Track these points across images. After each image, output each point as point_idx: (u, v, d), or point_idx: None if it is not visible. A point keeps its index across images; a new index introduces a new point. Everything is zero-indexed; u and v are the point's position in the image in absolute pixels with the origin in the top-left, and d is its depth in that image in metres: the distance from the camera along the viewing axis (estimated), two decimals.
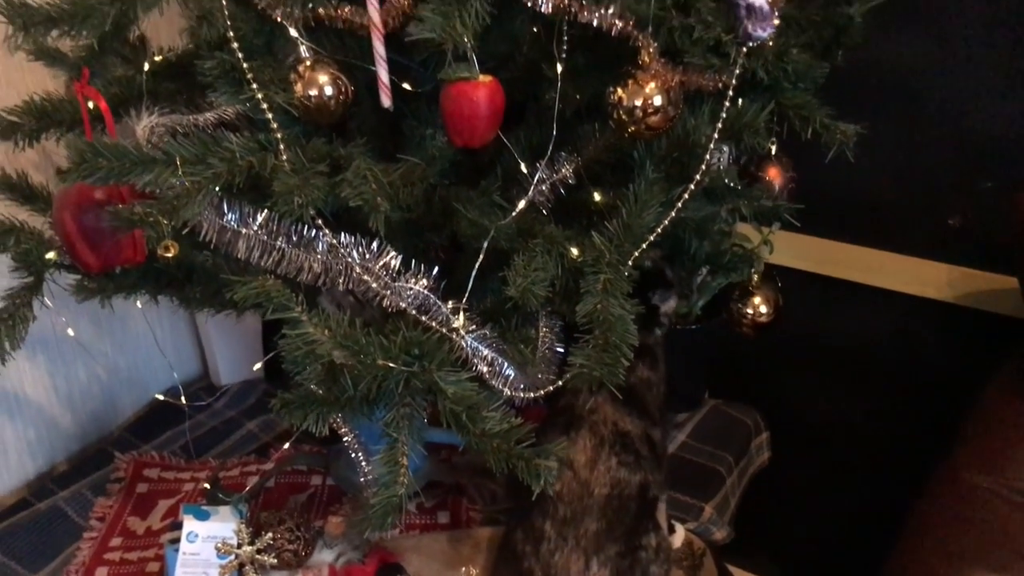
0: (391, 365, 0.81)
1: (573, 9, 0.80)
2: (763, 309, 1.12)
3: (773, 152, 1.07)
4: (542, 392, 0.91)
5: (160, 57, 1.03)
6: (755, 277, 1.14)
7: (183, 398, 1.22)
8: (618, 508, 1.03)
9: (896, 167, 1.37)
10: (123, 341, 1.48)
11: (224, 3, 0.82)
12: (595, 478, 1.03)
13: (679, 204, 0.91)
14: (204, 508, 1.11)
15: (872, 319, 1.47)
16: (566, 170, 0.97)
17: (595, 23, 0.81)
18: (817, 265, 1.48)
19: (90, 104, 0.94)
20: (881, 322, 1.46)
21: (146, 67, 0.92)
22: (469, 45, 0.78)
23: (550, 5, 0.80)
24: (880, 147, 1.35)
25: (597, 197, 0.97)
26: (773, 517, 1.65)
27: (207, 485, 1.18)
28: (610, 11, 0.80)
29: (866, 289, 1.45)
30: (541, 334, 0.97)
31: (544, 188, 0.97)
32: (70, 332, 1.09)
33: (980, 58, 1.25)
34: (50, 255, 0.95)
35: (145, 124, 0.91)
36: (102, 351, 1.44)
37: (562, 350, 0.99)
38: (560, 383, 0.90)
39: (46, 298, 0.96)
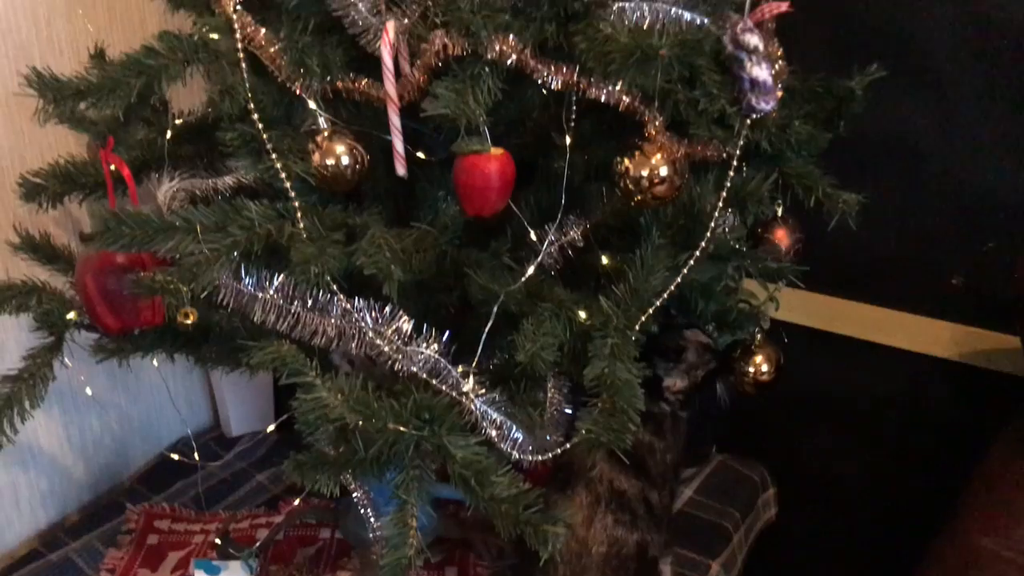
0: (402, 429, 0.83)
1: (581, 85, 0.83)
2: (764, 368, 1.13)
3: (780, 214, 1.09)
4: (550, 454, 0.92)
5: (181, 120, 1.06)
6: (757, 336, 1.16)
7: (196, 453, 1.24)
8: (617, 567, 1.03)
9: (900, 228, 1.39)
10: (136, 392, 1.50)
11: (245, 77, 0.86)
12: (592, 536, 1.04)
13: (684, 270, 0.93)
14: (215, 563, 1.12)
15: (877, 376, 1.48)
16: (575, 233, 0.99)
17: (603, 99, 0.83)
18: (824, 322, 1.50)
19: (112, 166, 0.97)
20: (886, 379, 1.47)
21: (168, 134, 0.95)
22: (481, 120, 0.81)
23: (559, 82, 0.83)
24: (885, 208, 1.38)
25: (605, 260, 0.99)
26: (780, 574, 1.65)
27: (217, 540, 1.19)
28: (617, 87, 0.83)
29: (871, 346, 1.46)
30: (550, 395, 0.99)
31: (553, 251, 0.99)
32: (88, 391, 1.11)
33: (979, 124, 1.28)
34: (71, 315, 0.97)
35: (166, 189, 0.94)
36: (116, 402, 1.46)
37: (571, 411, 1.00)
38: (568, 445, 0.92)
39: (66, 358, 0.98)
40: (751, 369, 1.13)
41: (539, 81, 0.83)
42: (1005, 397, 1.31)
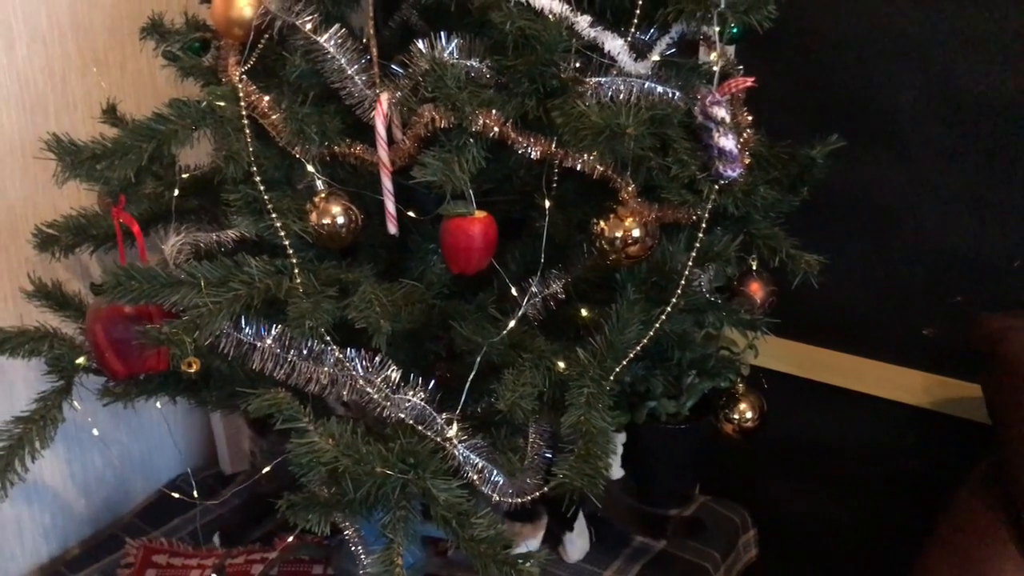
0: (388, 472, 0.88)
1: (559, 156, 0.89)
2: (748, 415, 1.19)
3: (754, 268, 1.16)
4: (529, 497, 0.97)
5: (188, 175, 1.13)
6: (740, 386, 1.22)
7: (195, 491, 1.29)
8: None
9: (874, 280, 1.45)
10: (138, 428, 1.55)
11: (248, 142, 0.92)
12: None
13: (657, 324, 0.99)
14: None
15: (852, 422, 1.53)
16: (556, 286, 1.05)
17: (578, 167, 0.90)
18: (802, 369, 1.55)
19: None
20: (861, 425, 1.53)
21: (176, 192, 1.01)
22: (466, 186, 0.88)
23: (538, 153, 0.89)
24: (861, 263, 1.44)
25: (584, 313, 1.05)
26: None
27: (213, 574, 1.24)
28: (591, 157, 0.89)
29: (847, 393, 1.52)
30: (531, 440, 1.04)
31: (536, 303, 1.05)
32: (95, 432, 1.17)
33: (945, 184, 1.34)
34: (80, 360, 1.03)
35: (173, 243, 1.00)
36: (117, 439, 1.51)
37: (551, 455, 1.05)
38: (545, 489, 0.97)
39: (75, 400, 1.04)
40: (736, 416, 1.19)
41: (519, 151, 0.90)
42: (972, 444, 1.36)
